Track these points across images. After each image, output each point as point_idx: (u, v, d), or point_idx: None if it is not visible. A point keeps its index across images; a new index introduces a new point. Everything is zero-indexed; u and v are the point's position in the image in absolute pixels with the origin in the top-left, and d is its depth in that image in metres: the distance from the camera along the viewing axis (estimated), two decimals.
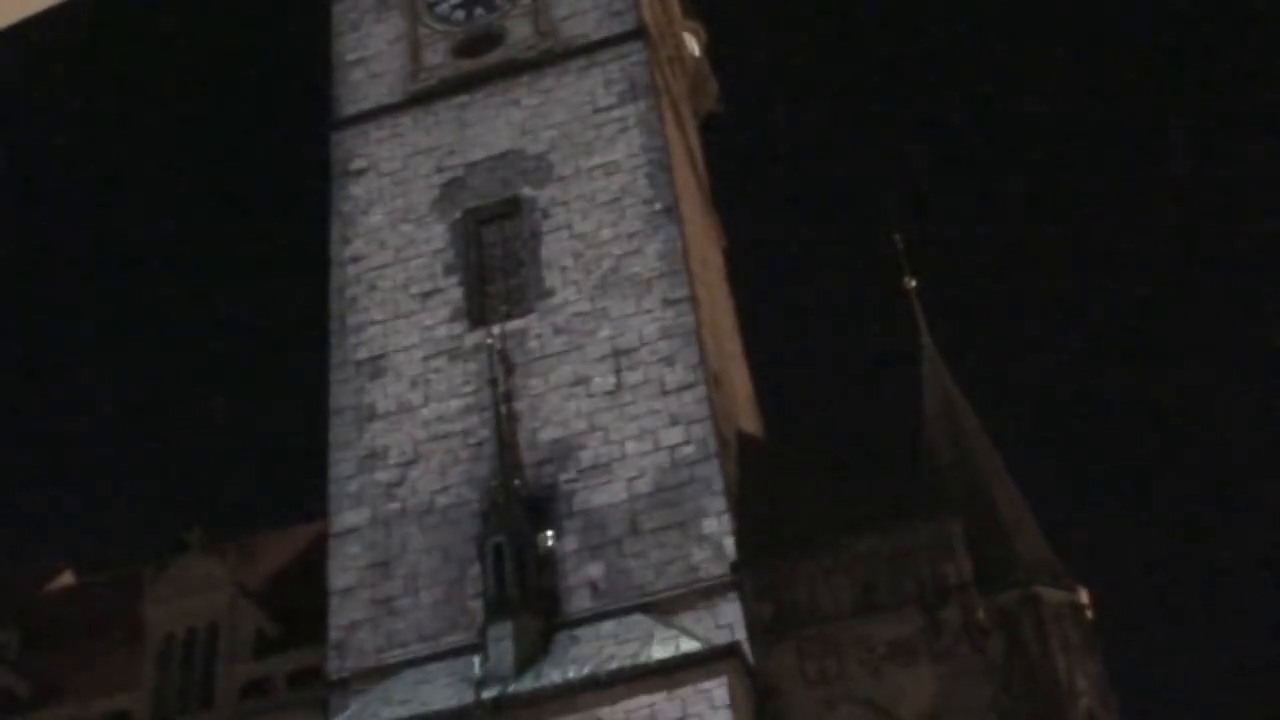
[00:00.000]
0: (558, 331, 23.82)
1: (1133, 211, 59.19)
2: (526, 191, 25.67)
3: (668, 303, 23.57)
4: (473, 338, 24.20)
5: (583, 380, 23.14)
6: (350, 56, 28.98)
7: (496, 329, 23.98)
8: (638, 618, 20.45)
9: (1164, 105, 59.95)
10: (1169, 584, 53.42)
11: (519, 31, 27.92)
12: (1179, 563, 54.97)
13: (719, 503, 21.30)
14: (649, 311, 23.55)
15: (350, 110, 28.13)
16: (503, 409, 22.91)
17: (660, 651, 19.58)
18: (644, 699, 19.05)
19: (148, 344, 65.26)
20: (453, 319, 24.63)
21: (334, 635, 21.90)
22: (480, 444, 22.87)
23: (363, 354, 24.79)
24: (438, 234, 25.79)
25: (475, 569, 21.47)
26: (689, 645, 19.57)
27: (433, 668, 20.89)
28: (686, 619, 20.26)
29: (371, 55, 28.81)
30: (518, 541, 21.08)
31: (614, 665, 19.54)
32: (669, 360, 22.91)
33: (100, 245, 66.84)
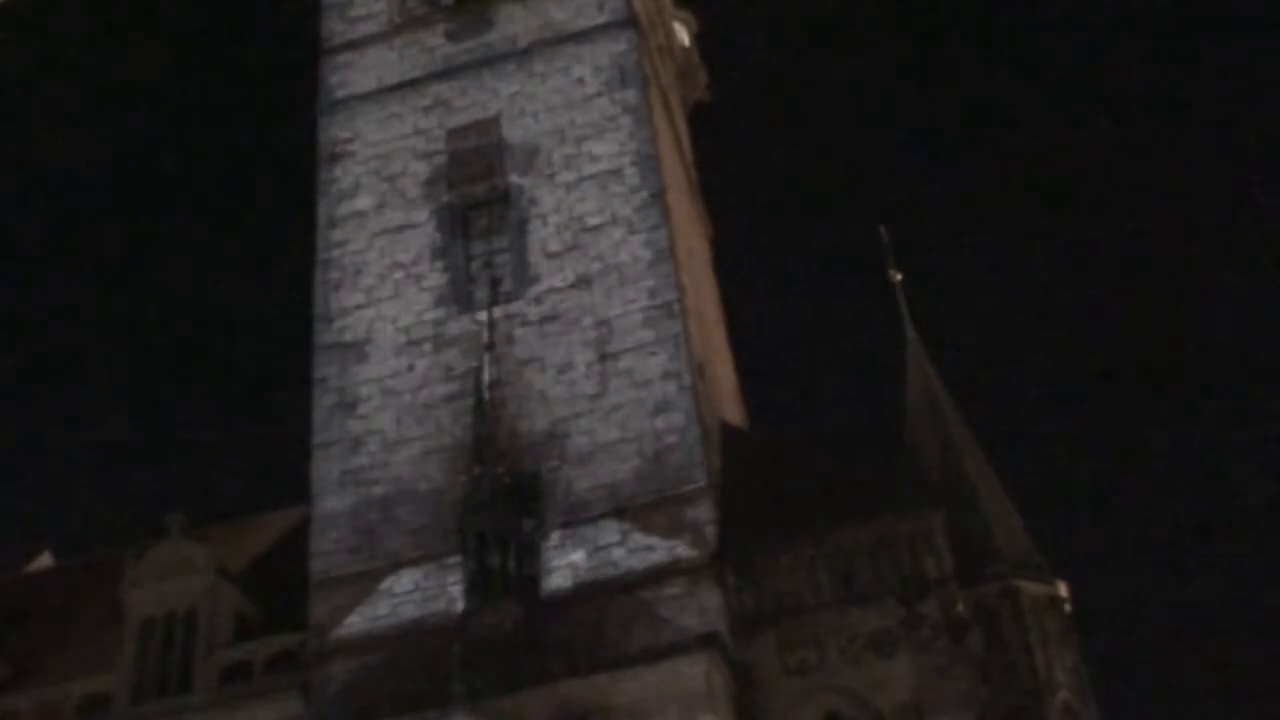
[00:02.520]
0: (543, 319, 23.80)
1: (1121, 207, 59.41)
2: (514, 178, 25.63)
3: (653, 292, 23.57)
4: (458, 324, 24.17)
5: (567, 368, 23.14)
6: (339, 40, 28.85)
7: (482, 316, 23.94)
8: (618, 605, 20.48)
9: (1156, 99, 60.12)
10: (1147, 578, 53.74)
11: (510, 18, 27.83)
12: (1157, 557, 55.27)
13: (702, 492, 21.33)
14: (634, 300, 23.55)
15: (338, 94, 28.01)
16: (486, 396, 22.89)
17: (640, 639, 19.61)
18: (623, 686, 19.08)
19: (130, 328, 65.04)
20: (438, 305, 24.60)
21: (315, 620, 21.88)
22: (464, 430, 22.84)
23: (347, 339, 24.74)
24: (424, 219, 25.73)
25: (457, 555, 21.47)
26: (669, 633, 19.60)
27: (412, 652, 20.89)
28: (667, 607, 20.30)
29: (361, 39, 28.69)
30: (500, 528, 21.08)
31: (594, 652, 19.56)
32: (654, 349, 22.92)
33: (82, 230, 66.49)
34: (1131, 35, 61.91)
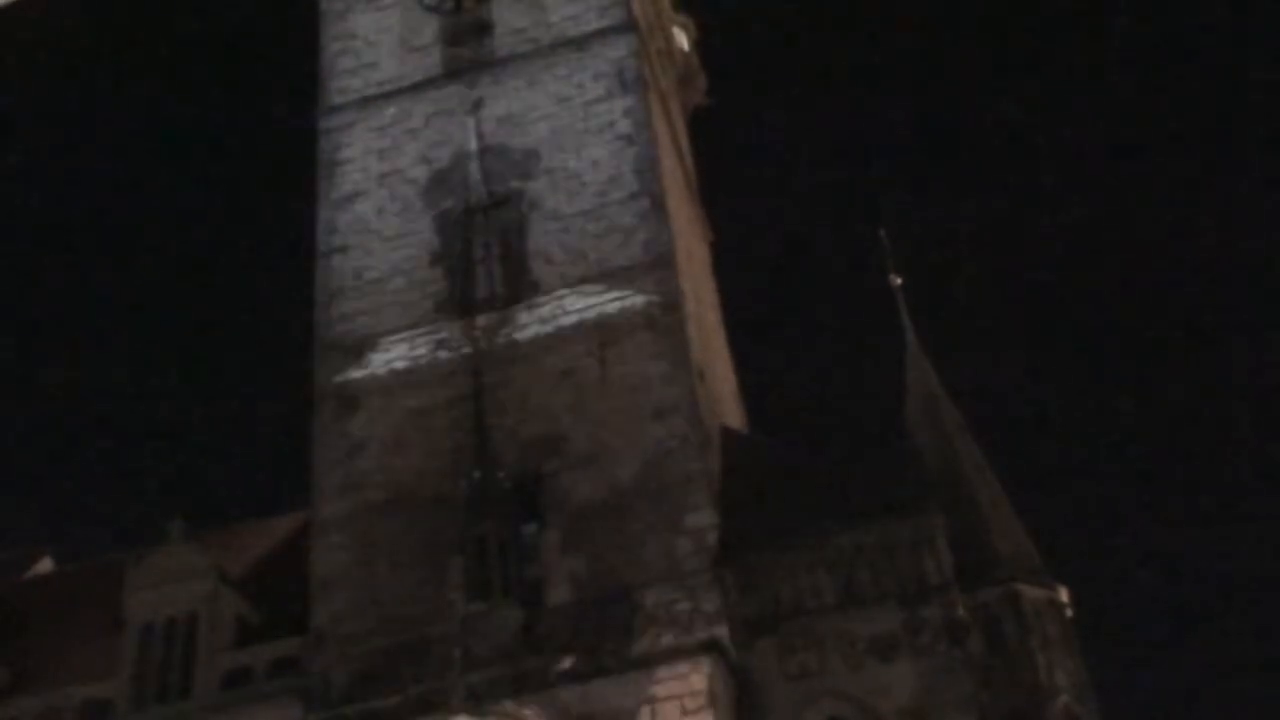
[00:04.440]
0: (543, 323, 23.81)
1: (1124, 208, 59.42)
2: (514, 183, 25.65)
3: (653, 296, 23.57)
4: (457, 328, 24.18)
5: (567, 372, 23.14)
6: (338, 45, 28.91)
7: (482, 320, 23.97)
8: (619, 609, 20.46)
9: (1157, 101, 60.14)
10: (1148, 582, 53.74)
11: (509, 23, 27.88)
12: (1158, 561, 55.29)
13: (702, 496, 21.31)
14: (634, 305, 23.54)
15: (338, 99, 28.05)
16: (486, 400, 22.89)
17: (641, 644, 19.60)
18: (624, 691, 19.08)
19: (132, 332, 65.05)
20: (438, 309, 24.61)
21: (316, 624, 21.88)
22: (464, 435, 22.84)
23: (348, 344, 24.74)
24: (424, 224, 25.75)
25: (457, 559, 21.47)
26: (670, 638, 19.59)
27: (414, 657, 20.86)
28: (668, 612, 20.28)
29: (360, 44, 28.75)
30: (500, 532, 21.09)
31: (595, 657, 19.56)
32: (654, 353, 22.91)
33: (83, 233, 66.54)
34: (1134, 33, 61.91)
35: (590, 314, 23.63)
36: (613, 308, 23.55)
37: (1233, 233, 54.76)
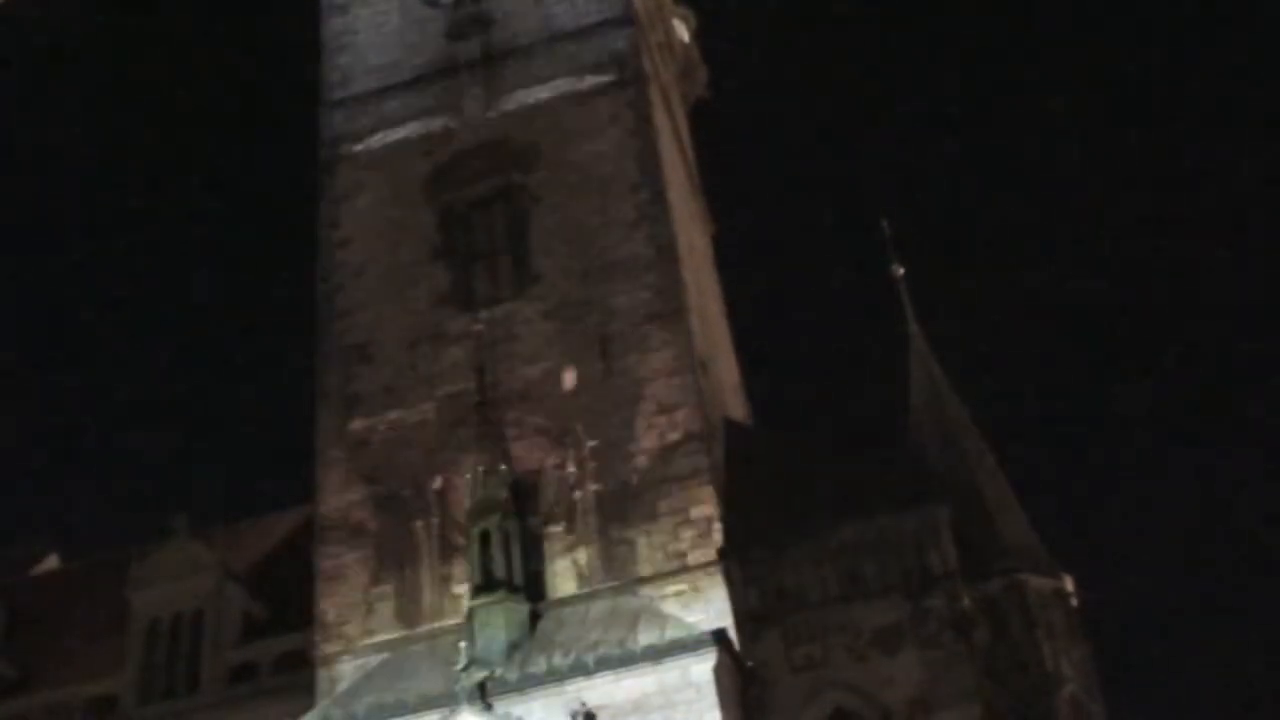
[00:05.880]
0: (545, 316, 23.79)
1: (1127, 200, 59.36)
2: (515, 176, 25.59)
3: (655, 289, 23.53)
4: (460, 323, 24.15)
5: (570, 366, 23.11)
6: (339, 40, 28.83)
7: (484, 314, 23.94)
8: (624, 603, 20.48)
9: (1159, 91, 60.06)
10: (1153, 571, 53.74)
11: (509, 16, 27.80)
12: (1163, 551, 55.26)
13: (706, 489, 21.31)
14: (636, 298, 23.50)
15: (339, 94, 27.99)
16: (489, 394, 22.88)
17: (646, 637, 19.59)
18: (630, 684, 19.06)
19: (136, 330, 65.14)
20: (440, 304, 24.57)
21: (321, 619, 21.90)
22: (468, 429, 22.84)
23: (350, 339, 24.73)
24: (426, 219, 25.70)
25: (461, 554, 21.47)
26: (675, 631, 19.58)
27: (419, 651, 20.93)
28: (673, 604, 20.30)
29: (360, 39, 28.67)
30: (505, 526, 21.08)
31: (600, 651, 19.55)
32: (656, 347, 22.89)
33: (85, 231, 66.57)
34: (1135, 26, 61.83)
35: (593, 308, 23.59)
36: (616, 304, 23.51)
37: (1236, 226, 54.73)
